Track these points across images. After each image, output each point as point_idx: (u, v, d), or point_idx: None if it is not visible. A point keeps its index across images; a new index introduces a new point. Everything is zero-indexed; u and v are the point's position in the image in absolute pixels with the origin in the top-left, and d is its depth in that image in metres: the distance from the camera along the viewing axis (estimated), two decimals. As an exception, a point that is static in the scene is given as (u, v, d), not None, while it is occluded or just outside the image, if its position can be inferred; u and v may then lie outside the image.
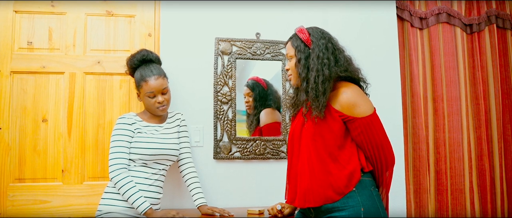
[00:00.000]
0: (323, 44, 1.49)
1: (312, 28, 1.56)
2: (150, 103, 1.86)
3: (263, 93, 2.26)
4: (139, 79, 1.86)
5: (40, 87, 2.12)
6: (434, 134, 2.65)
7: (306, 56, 1.51)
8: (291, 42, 1.57)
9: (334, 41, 1.55)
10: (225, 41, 2.25)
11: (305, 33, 1.53)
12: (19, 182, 2.07)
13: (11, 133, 2.07)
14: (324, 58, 1.47)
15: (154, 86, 1.83)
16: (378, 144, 1.44)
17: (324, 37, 1.51)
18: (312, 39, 1.51)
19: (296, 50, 1.53)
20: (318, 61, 1.47)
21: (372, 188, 1.46)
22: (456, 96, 2.67)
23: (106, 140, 2.13)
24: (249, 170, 2.24)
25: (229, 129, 2.20)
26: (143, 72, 1.86)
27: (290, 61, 1.58)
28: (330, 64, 1.47)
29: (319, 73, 1.46)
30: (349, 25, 2.41)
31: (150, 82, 1.83)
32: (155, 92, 1.84)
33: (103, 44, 2.20)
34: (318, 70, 1.46)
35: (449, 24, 2.72)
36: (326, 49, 1.49)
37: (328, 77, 1.45)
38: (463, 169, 2.64)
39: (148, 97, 1.85)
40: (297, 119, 1.60)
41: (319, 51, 1.48)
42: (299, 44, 1.53)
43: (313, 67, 1.47)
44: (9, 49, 2.11)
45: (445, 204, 2.59)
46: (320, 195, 1.43)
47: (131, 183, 1.75)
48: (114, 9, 2.22)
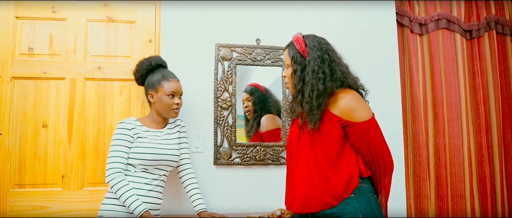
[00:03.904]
0: (318, 56, 1.49)
1: (309, 37, 1.56)
2: (168, 104, 1.89)
3: (262, 97, 2.27)
4: (159, 79, 1.91)
5: (40, 93, 2.12)
6: (434, 140, 2.65)
7: (302, 68, 1.52)
8: (288, 51, 1.57)
9: (331, 51, 1.54)
10: (225, 47, 2.25)
11: (302, 44, 1.53)
12: (19, 188, 2.07)
13: (12, 139, 2.07)
14: (320, 72, 1.47)
15: (176, 87, 1.91)
16: (376, 149, 1.44)
17: (320, 48, 1.51)
18: (309, 51, 1.51)
19: (292, 61, 1.54)
20: (313, 75, 1.47)
21: (370, 194, 1.45)
22: (456, 102, 2.67)
23: (106, 145, 2.13)
24: (249, 175, 2.24)
25: (229, 134, 2.20)
26: (165, 73, 1.93)
27: (287, 69, 1.59)
28: (325, 78, 1.47)
29: (313, 88, 1.46)
30: (349, 31, 2.41)
31: (172, 83, 1.91)
32: (175, 93, 1.90)
33: (103, 50, 2.20)
34: (313, 84, 1.47)
35: (448, 30, 2.73)
36: (322, 62, 1.49)
37: (322, 92, 1.46)
38: (464, 174, 2.63)
39: (167, 96, 1.89)
40: (294, 124, 1.60)
41: (314, 65, 1.48)
42: (295, 55, 1.53)
43: (308, 81, 1.48)
44: (10, 55, 2.11)
45: (446, 210, 2.58)
46: (318, 201, 1.44)
47: (127, 186, 1.75)
48: (115, 15, 2.23)
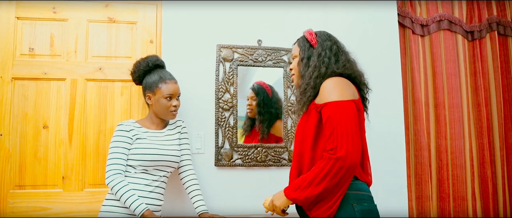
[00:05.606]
0: (327, 45, 1.52)
1: (321, 31, 1.59)
2: (166, 106, 1.88)
3: (267, 100, 2.26)
4: (157, 80, 1.88)
5: (41, 93, 2.12)
6: (436, 141, 2.64)
7: (309, 55, 1.53)
8: (298, 42, 1.60)
9: (340, 45, 1.57)
10: (226, 48, 2.24)
11: (313, 35, 1.56)
12: (19, 189, 2.06)
13: (12, 139, 2.07)
14: (325, 57, 1.49)
15: (173, 89, 1.89)
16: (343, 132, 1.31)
17: (330, 40, 1.54)
18: (318, 39, 1.54)
19: (301, 50, 1.57)
20: (319, 59, 1.49)
21: (355, 202, 1.37)
22: (458, 103, 2.67)
23: (107, 146, 2.11)
24: (250, 177, 2.23)
25: (230, 135, 2.19)
26: (162, 75, 1.90)
27: (293, 61, 1.62)
28: (329, 62, 1.48)
29: (315, 70, 1.47)
30: (351, 33, 2.40)
31: (170, 85, 1.88)
32: (172, 96, 1.88)
33: (104, 50, 2.20)
34: (316, 66, 1.48)
35: (450, 31, 2.72)
36: (329, 50, 1.51)
37: (322, 75, 1.46)
38: (465, 176, 2.63)
39: (164, 99, 1.87)
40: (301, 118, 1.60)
41: (322, 50, 1.50)
42: (305, 44, 1.56)
43: (312, 64, 1.50)
44: (10, 56, 2.11)
45: (447, 212, 2.57)
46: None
47: (127, 187, 1.74)
48: (116, 16, 2.22)
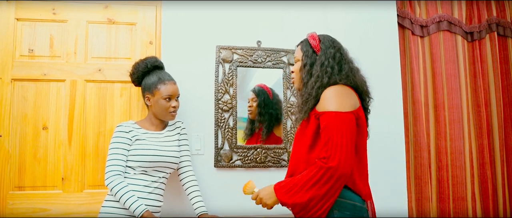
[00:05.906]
0: (331, 53, 1.49)
1: (324, 36, 1.56)
2: (165, 107, 1.88)
3: (268, 101, 2.26)
4: (156, 82, 1.88)
5: (40, 94, 2.12)
6: (436, 142, 2.64)
7: (312, 62, 1.51)
8: (301, 46, 1.57)
9: (344, 52, 1.54)
10: (226, 49, 2.25)
11: (316, 40, 1.53)
12: (19, 190, 2.06)
13: (11, 141, 2.07)
14: (328, 66, 1.46)
15: (172, 90, 1.89)
16: (338, 143, 1.30)
17: (334, 47, 1.51)
18: (322, 46, 1.51)
19: (304, 55, 1.54)
20: (321, 68, 1.46)
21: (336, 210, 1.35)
22: (458, 104, 2.67)
23: (106, 147, 2.10)
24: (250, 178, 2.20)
25: (230, 137, 2.19)
26: (161, 76, 1.90)
27: (295, 64, 1.59)
28: (332, 72, 1.45)
29: (318, 80, 1.45)
30: (350, 34, 2.40)
31: (169, 86, 1.88)
32: (171, 96, 1.88)
33: (104, 52, 2.20)
34: (318, 76, 1.46)
35: (450, 32, 2.72)
36: (333, 58, 1.48)
37: (324, 85, 1.44)
38: (465, 177, 2.63)
39: (164, 100, 1.87)
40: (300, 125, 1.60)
41: (325, 59, 1.47)
42: (308, 50, 1.53)
43: (315, 73, 1.47)
44: (10, 57, 2.11)
45: (447, 213, 2.57)
46: None
47: (126, 188, 1.74)
48: (115, 17, 2.22)
